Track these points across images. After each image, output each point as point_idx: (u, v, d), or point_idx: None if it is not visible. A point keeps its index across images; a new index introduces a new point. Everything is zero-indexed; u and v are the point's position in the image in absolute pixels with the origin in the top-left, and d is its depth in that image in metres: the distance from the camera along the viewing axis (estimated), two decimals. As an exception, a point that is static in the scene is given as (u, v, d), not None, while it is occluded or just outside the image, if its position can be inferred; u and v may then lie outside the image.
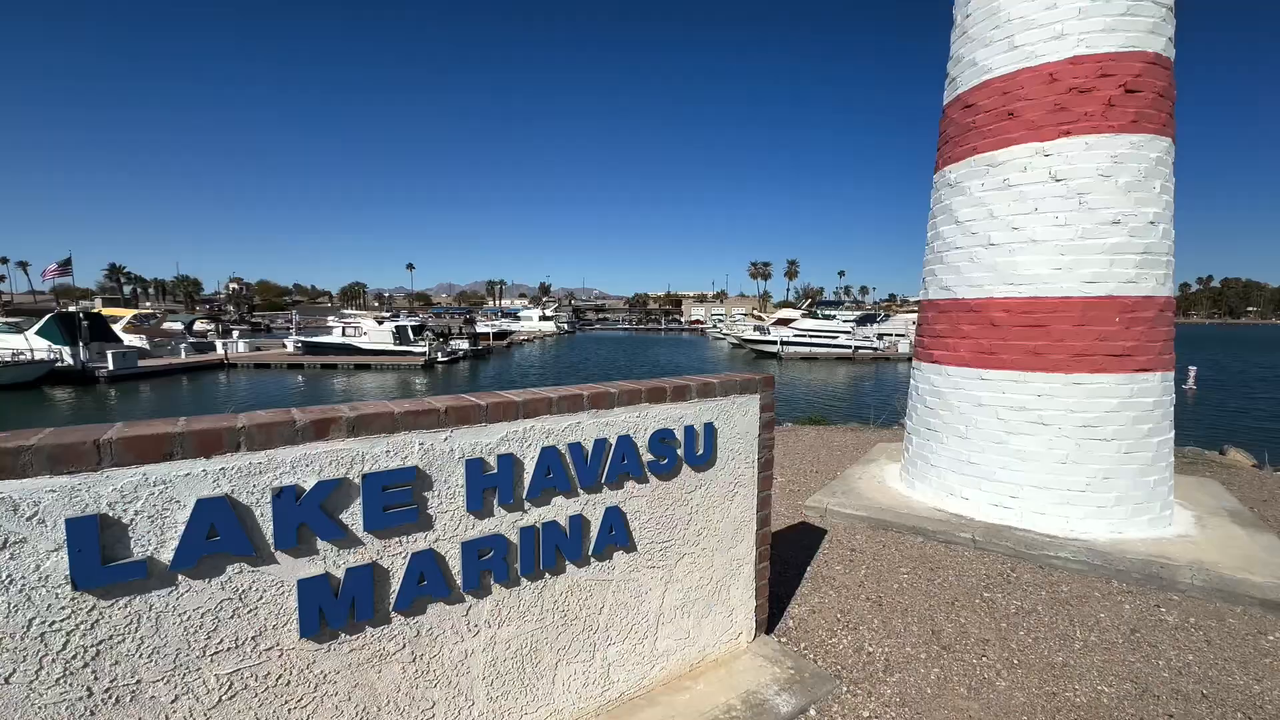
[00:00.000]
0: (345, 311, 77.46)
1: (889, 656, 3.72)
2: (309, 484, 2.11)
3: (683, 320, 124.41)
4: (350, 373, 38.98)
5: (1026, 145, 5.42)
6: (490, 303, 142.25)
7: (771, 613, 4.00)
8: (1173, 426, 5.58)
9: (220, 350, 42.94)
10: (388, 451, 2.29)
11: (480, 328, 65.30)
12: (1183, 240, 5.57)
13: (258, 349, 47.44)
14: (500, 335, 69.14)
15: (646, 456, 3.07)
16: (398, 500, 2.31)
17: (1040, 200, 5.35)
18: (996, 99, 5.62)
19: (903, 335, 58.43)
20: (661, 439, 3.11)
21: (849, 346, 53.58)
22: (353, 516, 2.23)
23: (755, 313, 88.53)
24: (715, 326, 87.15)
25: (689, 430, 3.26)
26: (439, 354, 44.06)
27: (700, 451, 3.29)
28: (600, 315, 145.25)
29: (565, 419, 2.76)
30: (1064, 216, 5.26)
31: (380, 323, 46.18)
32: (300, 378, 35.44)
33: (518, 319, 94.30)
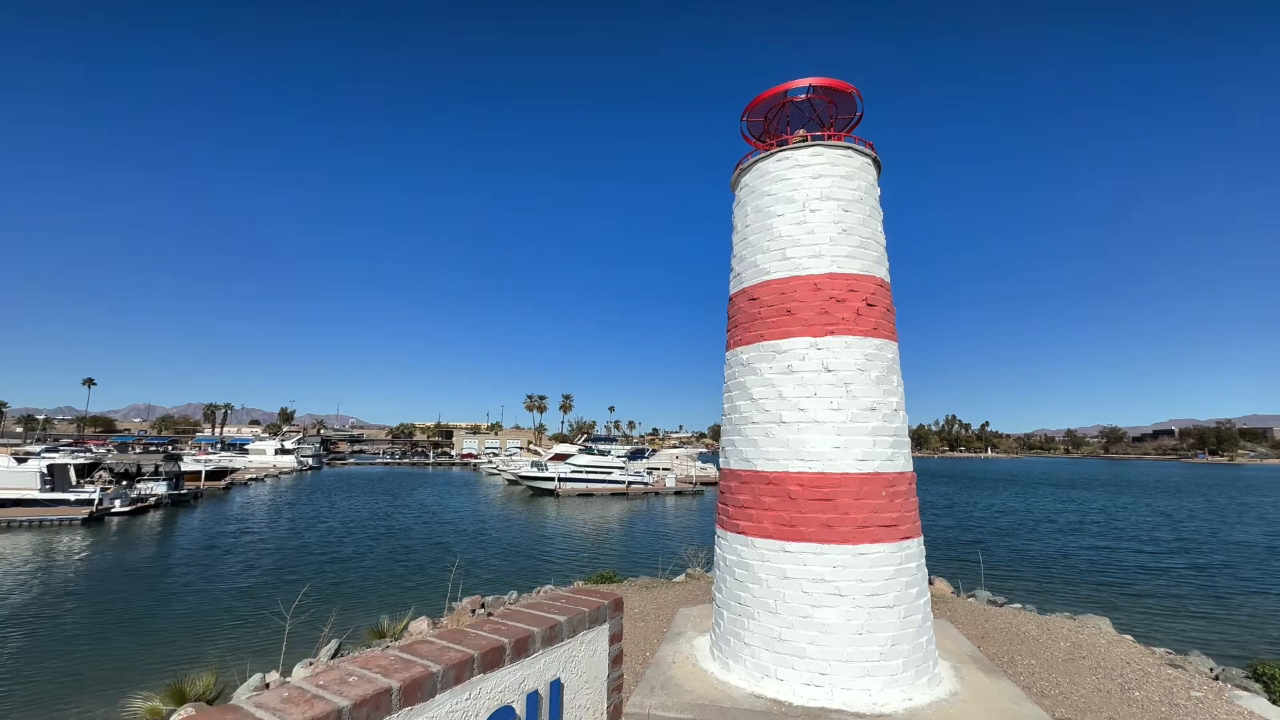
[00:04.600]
0: (-41, 442, 55.30)
1: None
2: None
3: (454, 453, 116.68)
4: (-56, 536, 26.54)
5: (803, 338, 6.29)
6: (208, 431, 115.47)
7: None
8: (927, 583, 6.39)
9: None
10: None
11: (189, 464, 51.67)
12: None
13: None
14: (218, 473, 55.64)
15: (478, 759, 2.16)
16: None
17: (818, 386, 6.13)
18: (776, 297, 6.54)
19: (669, 470, 62.82)
20: (499, 724, 2.26)
21: (623, 482, 55.43)
22: None
23: (532, 447, 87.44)
24: (490, 461, 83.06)
25: (532, 699, 2.44)
26: (116, 502, 33.17)
27: (545, 726, 2.49)
28: (356, 447, 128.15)
29: (361, 740, 1.79)
30: (837, 402, 6.07)
31: (22, 459, 33.50)
32: None
33: (245, 451, 77.67)
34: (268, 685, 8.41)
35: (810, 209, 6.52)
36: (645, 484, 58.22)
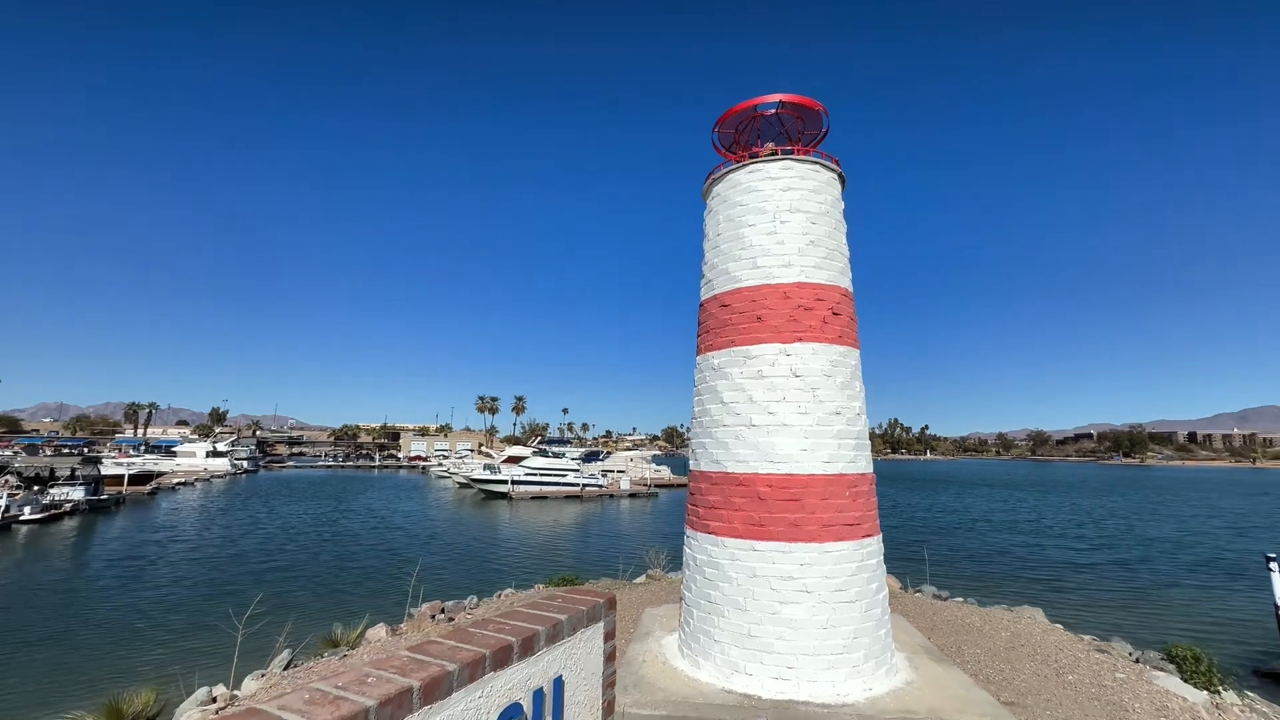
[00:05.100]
0: None
1: None
2: None
3: (401, 455, 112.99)
4: None
5: (773, 345, 6.52)
6: (129, 431, 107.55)
7: None
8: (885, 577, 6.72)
9: None
10: None
11: (110, 467, 48.20)
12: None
13: None
14: (142, 478, 52.04)
15: (490, 756, 2.19)
16: None
17: (787, 391, 6.37)
18: (747, 304, 6.75)
19: (623, 472, 62.85)
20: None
21: (577, 484, 55.08)
22: None
23: (484, 449, 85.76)
24: (440, 464, 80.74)
25: (537, 696, 2.49)
26: (25, 509, 30.64)
27: (549, 722, 2.54)
28: (296, 449, 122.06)
29: (383, 740, 1.80)
30: (805, 406, 6.32)
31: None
32: None
33: (173, 454, 72.92)
34: (215, 699, 7.99)
35: (780, 220, 6.77)
36: (600, 486, 58.04)
